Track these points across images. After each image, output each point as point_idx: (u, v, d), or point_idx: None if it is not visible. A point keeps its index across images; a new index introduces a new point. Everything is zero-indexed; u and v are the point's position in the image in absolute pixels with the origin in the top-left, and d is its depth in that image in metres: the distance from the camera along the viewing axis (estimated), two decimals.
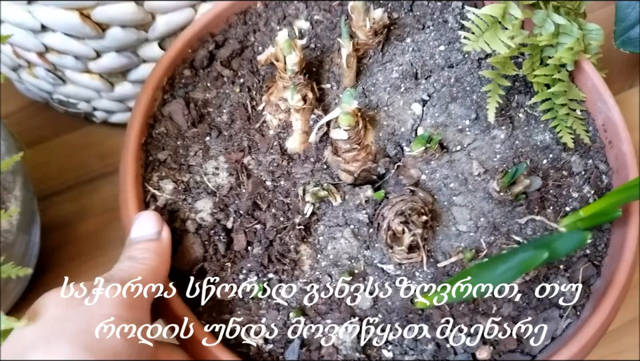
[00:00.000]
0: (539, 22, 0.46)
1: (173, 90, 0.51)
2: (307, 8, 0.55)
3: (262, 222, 0.45)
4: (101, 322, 0.34)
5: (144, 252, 0.41)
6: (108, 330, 0.34)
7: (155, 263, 0.41)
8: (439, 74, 0.50)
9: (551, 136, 0.48)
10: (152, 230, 0.42)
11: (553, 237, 0.31)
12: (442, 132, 0.48)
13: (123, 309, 0.36)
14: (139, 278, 0.38)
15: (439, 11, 0.53)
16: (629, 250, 0.43)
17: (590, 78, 0.49)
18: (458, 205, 0.46)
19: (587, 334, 0.41)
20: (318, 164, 0.48)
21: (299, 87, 0.47)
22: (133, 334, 0.35)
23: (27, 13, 0.49)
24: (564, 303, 0.43)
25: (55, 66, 0.56)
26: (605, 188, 0.48)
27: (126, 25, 0.52)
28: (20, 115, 0.68)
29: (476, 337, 0.42)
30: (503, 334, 0.42)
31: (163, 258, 0.42)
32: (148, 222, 0.43)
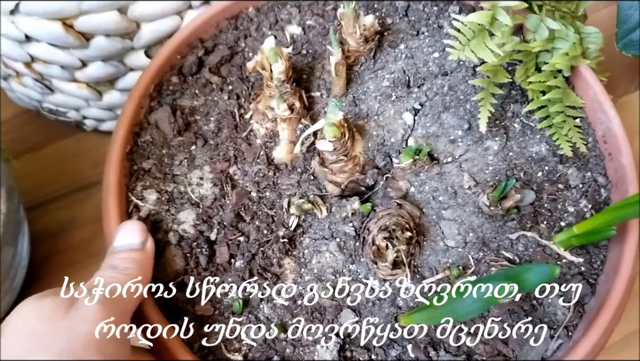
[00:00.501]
0: (532, 27, 0.44)
1: (160, 98, 0.50)
2: (300, 13, 0.54)
3: (245, 235, 0.44)
4: (83, 338, 0.34)
5: (126, 261, 0.41)
6: (89, 348, 0.34)
7: (136, 273, 0.40)
8: (432, 82, 0.48)
9: (547, 148, 0.47)
10: (136, 240, 0.42)
11: (522, 268, 0.29)
12: (433, 142, 0.47)
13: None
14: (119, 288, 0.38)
15: (434, 16, 0.52)
16: (625, 270, 0.42)
17: (591, 87, 0.48)
18: (447, 219, 0.44)
19: (576, 356, 0.39)
20: (305, 174, 0.47)
21: (286, 96, 0.46)
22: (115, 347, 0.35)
23: (11, 24, 0.49)
24: (555, 323, 0.42)
25: (42, 75, 0.56)
26: (603, 202, 0.46)
27: (110, 34, 0.51)
28: (13, 123, 0.68)
29: (461, 356, 0.40)
30: (490, 355, 0.41)
31: (145, 269, 0.41)
32: (132, 231, 0.42)
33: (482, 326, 0.41)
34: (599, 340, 0.40)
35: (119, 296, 0.37)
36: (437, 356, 0.41)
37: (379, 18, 0.52)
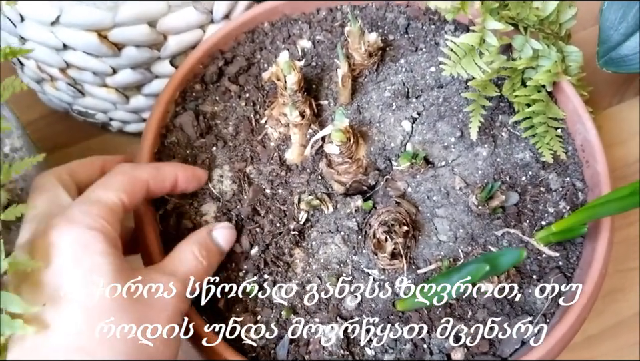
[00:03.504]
0: (518, 47, 0.49)
1: (185, 103, 0.55)
2: (310, 29, 0.59)
3: (260, 227, 0.50)
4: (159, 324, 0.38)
5: (211, 254, 0.45)
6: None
7: (210, 270, 0.45)
8: (428, 93, 0.54)
9: (531, 155, 0.52)
10: (229, 244, 0.47)
11: (496, 254, 0.35)
12: (429, 148, 0.52)
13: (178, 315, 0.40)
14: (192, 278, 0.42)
15: (432, 34, 0.57)
16: (597, 264, 0.46)
17: (571, 101, 0.53)
18: (439, 217, 0.50)
19: (552, 340, 0.44)
20: (313, 174, 0.52)
21: (298, 104, 0.51)
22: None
23: (51, 33, 0.54)
24: (535, 311, 0.47)
25: (74, 80, 0.61)
26: (580, 204, 0.51)
27: (140, 45, 0.57)
28: (42, 123, 0.73)
29: (451, 339, 0.46)
30: (476, 338, 0.46)
31: (212, 270, 0.46)
32: (232, 236, 0.47)
33: (470, 312, 0.46)
34: (572, 325, 0.45)
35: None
36: (429, 338, 0.46)
37: (382, 35, 0.58)
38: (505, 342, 0.46)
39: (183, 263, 0.43)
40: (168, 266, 0.42)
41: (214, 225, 0.47)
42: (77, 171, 0.46)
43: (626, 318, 0.61)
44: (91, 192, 0.41)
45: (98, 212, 0.39)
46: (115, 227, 0.40)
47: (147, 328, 0.37)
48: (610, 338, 0.60)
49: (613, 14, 0.62)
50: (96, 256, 0.38)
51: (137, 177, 0.44)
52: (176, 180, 0.47)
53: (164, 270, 0.42)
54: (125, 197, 0.42)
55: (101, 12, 0.52)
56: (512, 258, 0.33)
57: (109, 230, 0.39)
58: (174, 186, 0.47)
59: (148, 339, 0.37)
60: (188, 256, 0.43)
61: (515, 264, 0.36)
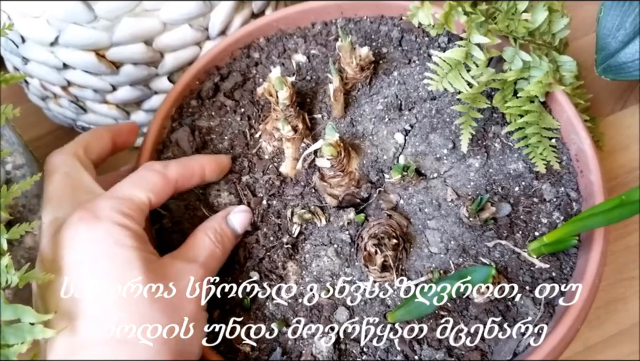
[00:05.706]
0: (508, 58, 0.49)
1: (181, 119, 0.56)
2: (305, 43, 0.60)
3: (256, 240, 0.50)
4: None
5: (227, 239, 0.46)
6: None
7: (225, 255, 0.46)
8: (421, 106, 0.54)
9: (524, 165, 0.52)
10: (244, 228, 0.48)
11: (469, 270, 0.35)
12: (421, 160, 0.52)
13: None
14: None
15: (425, 46, 0.57)
16: (590, 275, 0.46)
17: (565, 111, 0.53)
18: (431, 228, 0.50)
19: (544, 351, 0.44)
20: (307, 187, 0.53)
21: (290, 119, 0.52)
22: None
23: (50, 53, 0.56)
24: (527, 322, 0.47)
25: (76, 97, 0.63)
26: (574, 214, 0.51)
27: (137, 63, 0.58)
28: (48, 138, 0.75)
29: (442, 350, 0.46)
30: (468, 348, 0.46)
31: (227, 255, 0.47)
32: (247, 219, 0.49)
33: (463, 324, 0.47)
34: (564, 336, 0.45)
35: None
36: (420, 350, 0.46)
37: (376, 47, 0.58)
38: (498, 352, 0.46)
39: (202, 249, 0.44)
40: (188, 253, 0.44)
41: (231, 208, 0.49)
42: (90, 147, 0.48)
43: (627, 327, 0.61)
44: (121, 187, 0.44)
45: (127, 209, 0.41)
46: (141, 224, 0.42)
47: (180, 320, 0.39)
48: (611, 347, 0.60)
49: (611, 22, 0.62)
50: (127, 250, 0.39)
51: (167, 177, 0.46)
52: (203, 173, 0.49)
53: (187, 257, 0.43)
54: (152, 196, 0.44)
55: (98, 33, 0.53)
56: (482, 274, 0.33)
57: (136, 226, 0.41)
58: (202, 179, 0.49)
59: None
60: (206, 241, 0.45)
61: (485, 281, 0.36)
